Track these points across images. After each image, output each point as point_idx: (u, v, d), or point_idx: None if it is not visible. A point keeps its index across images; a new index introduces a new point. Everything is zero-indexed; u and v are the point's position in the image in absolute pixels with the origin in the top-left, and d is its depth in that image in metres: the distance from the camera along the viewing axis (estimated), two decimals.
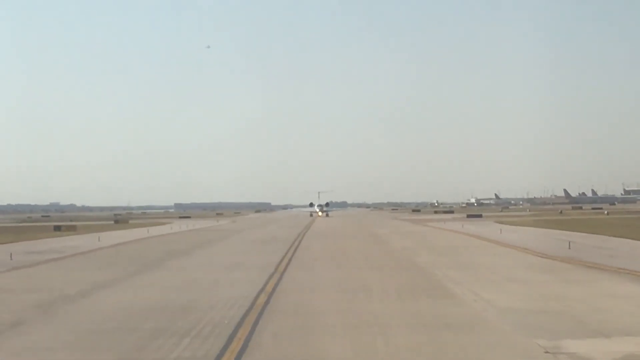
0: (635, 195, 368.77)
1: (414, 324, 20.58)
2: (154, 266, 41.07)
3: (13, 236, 78.21)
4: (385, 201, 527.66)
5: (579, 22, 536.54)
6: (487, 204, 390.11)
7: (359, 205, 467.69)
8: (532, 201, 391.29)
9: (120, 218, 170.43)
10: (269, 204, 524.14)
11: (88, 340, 19.19)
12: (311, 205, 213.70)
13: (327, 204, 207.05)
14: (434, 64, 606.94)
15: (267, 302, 24.97)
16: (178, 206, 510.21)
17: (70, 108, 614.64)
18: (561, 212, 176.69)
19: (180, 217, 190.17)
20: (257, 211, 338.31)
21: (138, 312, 23.58)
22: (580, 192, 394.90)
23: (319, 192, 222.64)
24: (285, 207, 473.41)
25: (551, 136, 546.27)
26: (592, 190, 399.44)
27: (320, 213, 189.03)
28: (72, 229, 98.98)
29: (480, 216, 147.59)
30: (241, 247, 58.02)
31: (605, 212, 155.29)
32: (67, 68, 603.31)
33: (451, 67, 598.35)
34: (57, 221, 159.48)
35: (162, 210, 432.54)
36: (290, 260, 43.36)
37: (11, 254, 48.03)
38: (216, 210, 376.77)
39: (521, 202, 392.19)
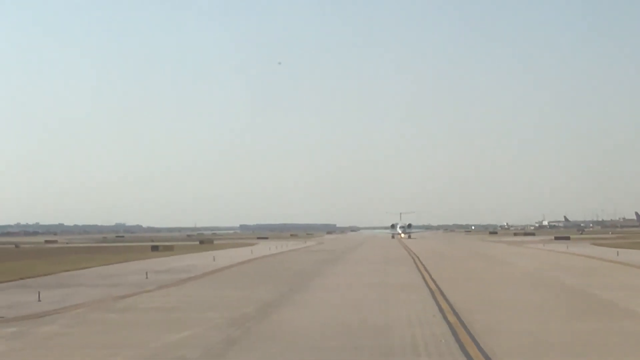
0: None
1: None
2: (301, 285, 41.02)
3: (117, 256, 79.34)
4: (450, 223, 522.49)
5: None
6: (557, 227, 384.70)
7: (426, 228, 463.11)
8: (601, 224, 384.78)
9: (204, 239, 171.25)
10: (334, 225, 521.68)
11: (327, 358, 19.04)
12: (393, 226, 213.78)
13: (409, 226, 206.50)
14: (492, 82, 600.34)
15: (461, 322, 24.41)
16: (244, 227, 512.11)
17: (131, 128, 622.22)
18: None
19: (258, 238, 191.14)
20: (329, 232, 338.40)
21: (342, 330, 23.24)
22: None
23: (400, 213, 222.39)
24: (352, 229, 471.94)
25: (615, 158, 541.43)
26: None
27: (403, 234, 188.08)
28: (169, 249, 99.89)
29: (568, 238, 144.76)
30: (366, 267, 57.61)
31: None
32: (121, 84, 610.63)
33: (514, 89, 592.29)
34: (131, 242, 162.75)
35: (232, 232, 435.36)
36: (432, 279, 42.92)
37: (146, 273, 48.56)
38: (282, 231, 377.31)
39: (591, 225, 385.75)
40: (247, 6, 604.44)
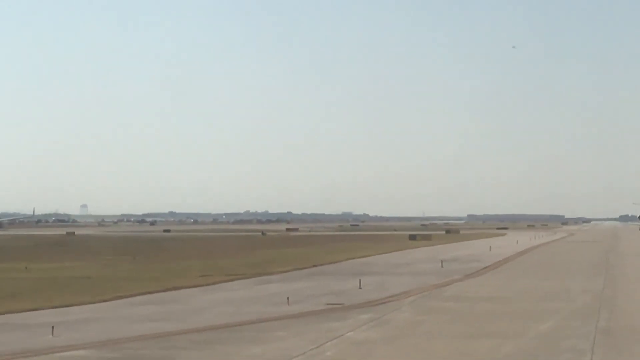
0: None
1: None
2: (610, 276, 41.05)
3: (383, 245, 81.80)
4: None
5: None
6: None
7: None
8: None
9: (450, 229, 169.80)
10: (563, 216, 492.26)
11: None
12: None
13: None
14: None
15: None
16: (471, 217, 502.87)
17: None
18: None
19: (498, 229, 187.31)
20: (564, 224, 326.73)
21: None
22: None
23: None
24: (584, 220, 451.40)
25: None
26: None
27: None
28: (427, 238, 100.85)
29: None
30: None
31: None
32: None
33: None
34: (369, 230, 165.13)
35: (461, 222, 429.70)
36: None
37: (441, 262, 49.52)
38: (513, 221, 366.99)
39: None
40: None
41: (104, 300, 30.53)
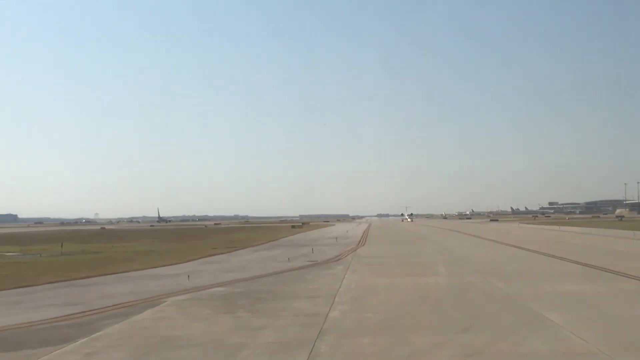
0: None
1: None
2: (425, 238, 38.10)
3: (281, 232, 76.11)
4: (430, 212, 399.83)
5: None
6: (466, 214, 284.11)
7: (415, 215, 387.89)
8: (492, 213, 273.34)
9: (304, 221, 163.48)
10: (348, 214, 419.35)
11: None
12: (402, 215, 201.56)
13: (411, 214, 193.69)
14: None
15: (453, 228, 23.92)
16: (302, 216, 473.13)
17: None
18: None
19: (325, 222, 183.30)
20: (353, 219, 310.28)
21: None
22: None
23: (406, 207, 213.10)
24: (361, 217, 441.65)
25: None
26: None
27: (409, 219, 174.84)
28: (301, 227, 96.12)
29: (497, 220, 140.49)
30: (419, 226, 53.74)
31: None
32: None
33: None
34: (256, 224, 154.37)
35: (298, 218, 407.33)
36: (429, 225, 41.60)
37: (336, 239, 46.99)
38: (323, 219, 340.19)
39: (486, 214, 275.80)
40: None
41: (186, 261, 27.53)
